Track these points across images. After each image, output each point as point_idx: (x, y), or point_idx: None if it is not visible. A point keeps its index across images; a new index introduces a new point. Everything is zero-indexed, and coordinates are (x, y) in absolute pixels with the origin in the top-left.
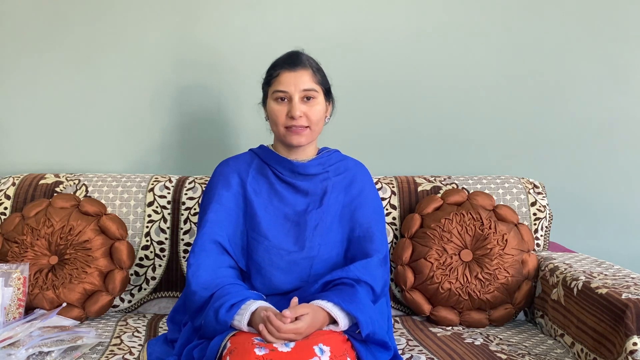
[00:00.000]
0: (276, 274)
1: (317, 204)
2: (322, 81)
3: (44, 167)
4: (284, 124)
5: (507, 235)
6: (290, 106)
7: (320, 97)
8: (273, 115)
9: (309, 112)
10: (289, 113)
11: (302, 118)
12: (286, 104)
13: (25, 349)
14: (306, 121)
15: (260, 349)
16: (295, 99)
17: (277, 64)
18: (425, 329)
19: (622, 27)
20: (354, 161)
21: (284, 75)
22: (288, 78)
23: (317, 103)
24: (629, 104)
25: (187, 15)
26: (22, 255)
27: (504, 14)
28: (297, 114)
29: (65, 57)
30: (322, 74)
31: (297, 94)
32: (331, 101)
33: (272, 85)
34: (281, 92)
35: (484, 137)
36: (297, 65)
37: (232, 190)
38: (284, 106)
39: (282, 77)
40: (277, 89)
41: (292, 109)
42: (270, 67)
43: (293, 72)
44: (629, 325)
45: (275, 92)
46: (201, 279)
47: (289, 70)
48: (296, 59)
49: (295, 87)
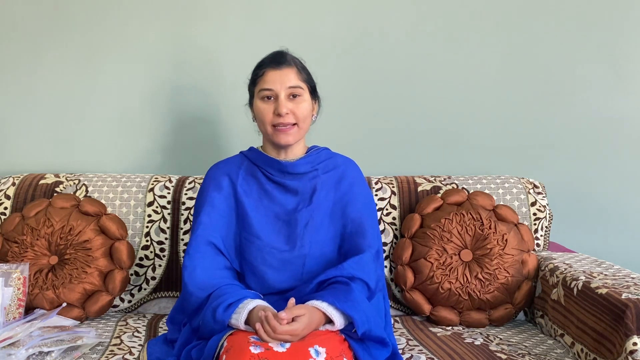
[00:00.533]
0: (269, 272)
1: (307, 202)
2: (307, 79)
3: (44, 167)
4: (271, 122)
5: (507, 235)
6: (276, 104)
7: (307, 95)
8: (260, 114)
9: (296, 109)
10: (275, 111)
11: (289, 115)
12: (272, 102)
13: (25, 349)
14: (293, 118)
15: (256, 347)
16: (281, 96)
17: (262, 63)
18: (425, 329)
19: (622, 27)
20: (343, 158)
21: (270, 74)
22: (273, 76)
23: (304, 100)
24: (629, 104)
25: (187, 15)
26: (22, 255)
27: (504, 14)
28: (284, 111)
29: (65, 58)
30: (307, 72)
31: (283, 92)
32: (317, 100)
33: (258, 84)
34: (267, 90)
35: (484, 137)
36: (282, 64)
37: (224, 193)
38: (271, 104)
39: (267, 76)
40: (263, 87)
41: (278, 106)
42: (255, 67)
43: (278, 70)
44: (629, 325)
45: (261, 90)
46: (198, 280)
47: (274, 69)
48: (281, 58)
49: (281, 84)
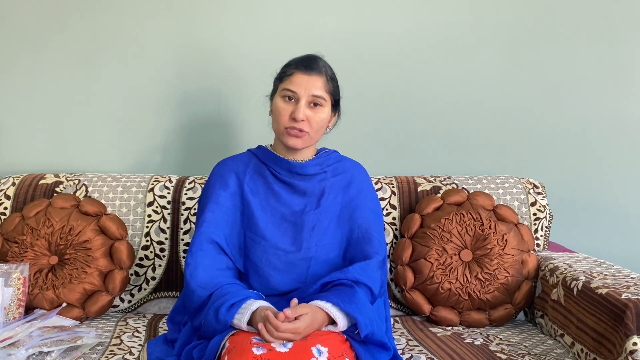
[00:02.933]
0: (273, 274)
1: (315, 204)
2: (333, 91)
3: (44, 167)
4: (285, 124)
5: (507, 235)
6: (295, 107)
7: (327, 107)
8: (277, 112)
9: (312, 119)
10: (292, 114)
11: (304, 122)
12: (292, 104)
13: (25, 349)
14: (307, 126)
15: (258, 348)
16: (302, 101)
17: (293, 63)
18: (425, 329)
19: (622, 27)
20: (352, 162)
21: (298, 76)
22: (301, 79)
23: (323, 111)
24: (629, 104)
25: (187, 16)
26: (22, 255)
27: (504, 14)
28: (300, 116)
29: (66, 57)
30: (335, 84)
31: (305, 98)
32: (337, 113)
33: (283, 83)
34: (290, 92)
35: (484, 137)
36: (312, 70)
37: (230, 190)
38: (290, 106)
39: (295, 77)
40: (287, 87)
41: (296, 111)
42: (286, 64)
43: (307, 75)
44: (629, 325)
45: (284, 89)
46: (199, 278)
47: (304, 73)
48: (313, 63)
49: (306, 90)
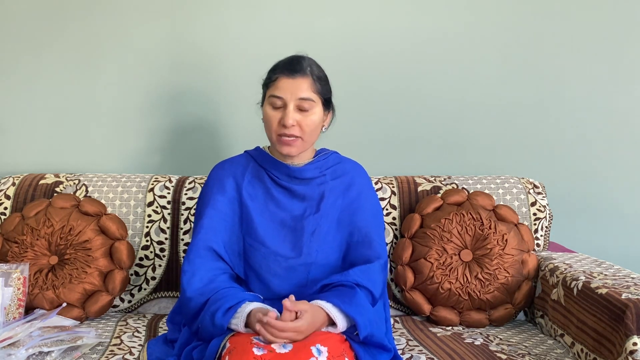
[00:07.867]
0: (274, 280)
1: (314, 209)
2: (321, 90)
3: (44, 167)
4: (276, 132)
5: (507, 235)
6: (284, 114)
7: (317, 107)
8: (267, 120)
9: (303, 122)
10: (281, 120)
11: (294, 127)
12: (280, 110)
13: (25, 349)
14: (298, 131)
15: (259, 349)
16: (290, 107)
17: (277, 67)
18: (425, 329)
19: (622, 28)
20: (352, 163)
21: (282, 81)
22: (285, 84)
23: (313, 113)
24: (629, 104)
25: (187, 16)
26: (22, 255)
27: (504, 14)
28: (290, 122)
29: (65, 57)
30: (323, 82)
31: (293, 102)
32: (331, 110)
33: (270, 89)
34: (276, 98)
35: (484, 137)
36: (296, 72)
37: (228, 195)
38: (278, 113)
39: (279, 83)
40: (273, 94)
41: (285, 117)
42: (270, 69)
43: (291, 78)
44: (629, 325)
45: (270, 96)
46: (196, 285)
47: (288, 77)
48: (297, 65)
49: (292, 94)
